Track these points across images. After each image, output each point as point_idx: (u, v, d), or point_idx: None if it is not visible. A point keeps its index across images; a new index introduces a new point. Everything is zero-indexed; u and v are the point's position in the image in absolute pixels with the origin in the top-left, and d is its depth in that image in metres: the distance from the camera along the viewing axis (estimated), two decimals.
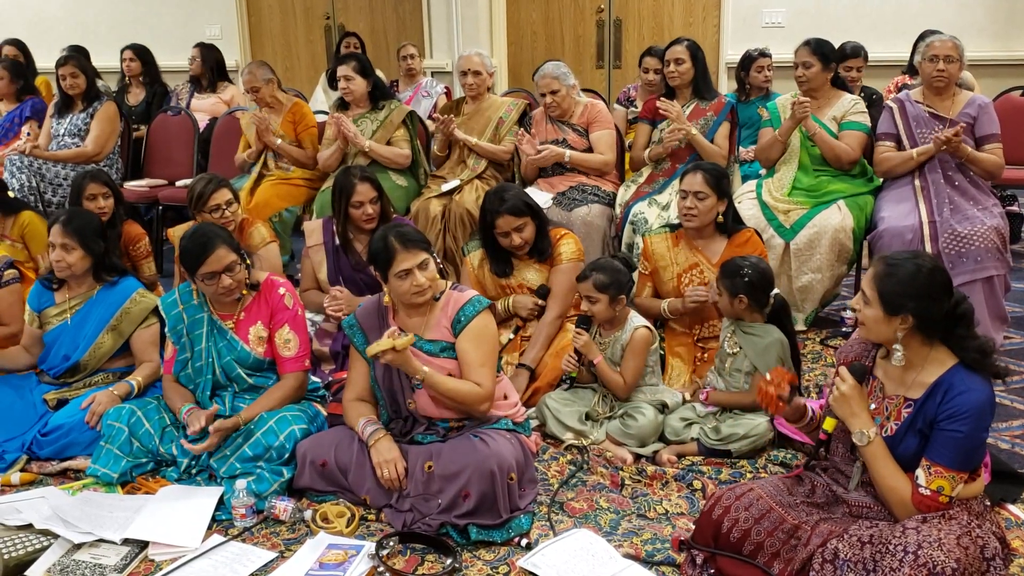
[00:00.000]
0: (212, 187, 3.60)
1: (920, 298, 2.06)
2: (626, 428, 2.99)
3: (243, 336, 2.93)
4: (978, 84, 5.08)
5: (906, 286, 2.06)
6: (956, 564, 1.87)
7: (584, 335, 3.09)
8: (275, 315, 2.95)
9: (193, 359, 2.93)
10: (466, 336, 2.68)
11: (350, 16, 7.85)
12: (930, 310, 2.06)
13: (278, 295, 2.96)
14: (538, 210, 3.46)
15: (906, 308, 2.07)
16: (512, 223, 3.36)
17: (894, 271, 2.09)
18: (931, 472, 2.05)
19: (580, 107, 4.40)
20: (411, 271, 2.62)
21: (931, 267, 2.09)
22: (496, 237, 3.43)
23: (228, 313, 2.95)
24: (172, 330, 2.96)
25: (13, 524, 2.51)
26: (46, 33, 7.84)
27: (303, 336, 2.98)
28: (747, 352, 3.03)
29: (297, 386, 2.95)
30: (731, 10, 6.79)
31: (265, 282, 2.98)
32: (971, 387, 2.04)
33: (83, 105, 5.18)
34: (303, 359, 2.96)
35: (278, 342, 2.93)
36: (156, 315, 3.22)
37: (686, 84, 4.29)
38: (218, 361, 2.92)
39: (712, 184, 3.32)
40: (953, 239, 3.64)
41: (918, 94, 3.96)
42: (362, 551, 2.39)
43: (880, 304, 2.10)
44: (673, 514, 2.61)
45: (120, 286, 3.24)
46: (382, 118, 4.61)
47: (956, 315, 2.09)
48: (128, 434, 2.83)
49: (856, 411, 2.15)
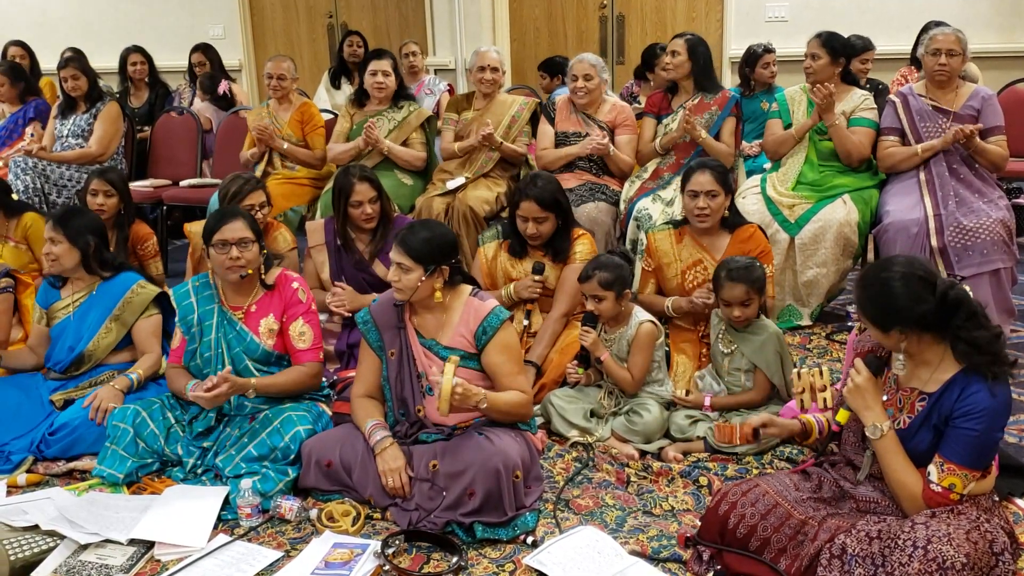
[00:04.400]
0: (250, 187, 3.64)
1: (900, 309, 2.05)
2: (631, 424, 2.99)
3: (253, 328, 2.95)
4: (983, 76, 5.05)
5: (885, 304, 2.07)
6: (965, 559, 1.86)
7: (591, 333, 3.08)
8: (289, 308, 2.97)
9: (201, 348, 2.95)
10: (495, 349, 2.68)
11: (353, 14, 7.84)
12: (916, 313, 2.05)
13: (292, 289, 3.00)
14: (566, 209, 3.43)
15: (894, 322, 2.07)
16: (534, 211, 3.35)
17: (870, 295, 2.10)
18: (944, 469, 2.04)
19: (608, 105, 4.40)
20: (396, 265, 2.66)
21: (904, 274, 2.06)
22: (517, 219, 3.42)
23: (238, 305, 2.98)
24: (182, 320, 2.99)
25: (19, 525, 2.51)
26: (50, 34, 7.85)
27: (317, 331, 3.01)
28: (744, 350, 3.02)
29: (313, 374, 2.97)
30: (734, 5, 6.76)
31: (279, 277, 3.02)
32: (987, 385, 2.02)
33: (86, 106, 5.19)
34: (318, 351, 3.00)
35: (292, 334, 2.96)
36: (157, 306, 3.27)
37: (683, 77, 4.26)
38: (227, 352, 2.92)
39: (721, 181, 3.32)
40: (959, 232, 3.63)
41: (921, 87, 3.95)
42: (368, 550, 2.39)
43: (872, 324, 2.12)
44: (679, 511, 2.61)
45: (119, 279, 3.28)
46: (400, 118, 4.61)
47: (948, 304, 2.05)
48: (133, 435, 2.84)
49: (870, 404, 2.14)
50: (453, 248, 2.73)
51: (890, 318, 2.07)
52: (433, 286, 2.68)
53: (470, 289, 2.78)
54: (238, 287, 2.98)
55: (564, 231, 3.43)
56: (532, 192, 3.33)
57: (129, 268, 3.40)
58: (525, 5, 7.46)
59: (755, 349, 2.99)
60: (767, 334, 3.02)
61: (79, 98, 5.18)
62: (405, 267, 2.64)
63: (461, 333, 2.70)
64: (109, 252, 3.38)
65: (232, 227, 2.89)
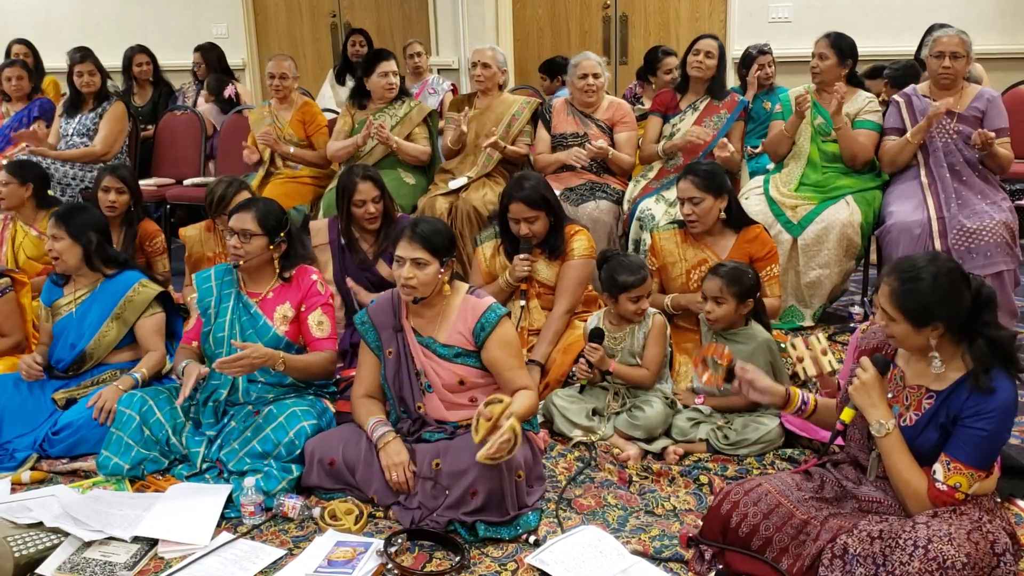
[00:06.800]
0: (233, 190, 3.67)
1: (946, 304, 2.03)
2: (633, 420, 2.99)
3: (268, 313, 2.99)
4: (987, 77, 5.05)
5: (930, 296, 2.03)
6: (966, 559, 1.87)
7: (599, 350, 3.06)
8: (307, 299, 3.03)
9: (215, 330, 2.99)
10: (495, 345, 2.67)
11: (356, 14, 7.85)
12: (957, 313, 2.04)
13: (311, 280, 3.05)
14: (555, 206, 3.44)
15: (936, 317, 2.04)
16: (524, 212, 3.35)
17: (914, 285, 2.04)
18: (950, 468, 2.04)
19: (605, 103, 4.41)
20: (404, 261, 2.63)
21: (948, 269, 2.05)
22: (508, 221, 3.43)
23: (256, 292, 3.04)
24: (200, 302, 3.05)
25: (24, 522, 2.51)
26: (54, 34, 7.86)
27: (334, 323, 3.06)
28: None
29: (332, 360, 3.04)
30: (737, 5, 6.75)
31: (298, 270, 3.07)
32: (998, 385, 2.02)
33: (92, 104, 5.20)
34: (334, 341, 3.07)
35: (311, 323, 3.00)
36: (160, 304, 3.27)
37: (706, 79, 4.26)
38: (240, 335, 2.95)
39: (703, 186, 3.30)
40: (962, 234, 3.63)
41: (925, 88, 3.94)
42: (370, 548, 2.40)
43: (907, 320, 2.06)
44: (681, 510, 2.61)
45: (121, 277, 3.28)
46: (401, 114, 4.63)
47: (980, 302, 2.05)
48: (139, 422, 2.86)
49: (876, 402, 2.13)
50: (455, 240, 2.79)
51: (932, 310, 2.03)
52: (443, 280, 2.69)
53: (466, 287, 2.79)
54: (256, 275, 3.05)
55: (557, 228, 3.43)
56: (519, 194, 3.34)
57: (134, 266, 3.40)
58: (528, 5, 7.46)
59: (744, 359, 2.98)
60: (756, 343, 3.00)
61: (89, 95, 5.19)
62: (422, 262, 2.62)
63: (459, 330, 2.71)
64: (113, 249, 3.38)
65: (240, 217, 2.98)
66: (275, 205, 3.11)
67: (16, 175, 3.93)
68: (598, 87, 4.32)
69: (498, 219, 3.55)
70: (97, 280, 3.28)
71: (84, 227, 3.21)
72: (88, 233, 3.21)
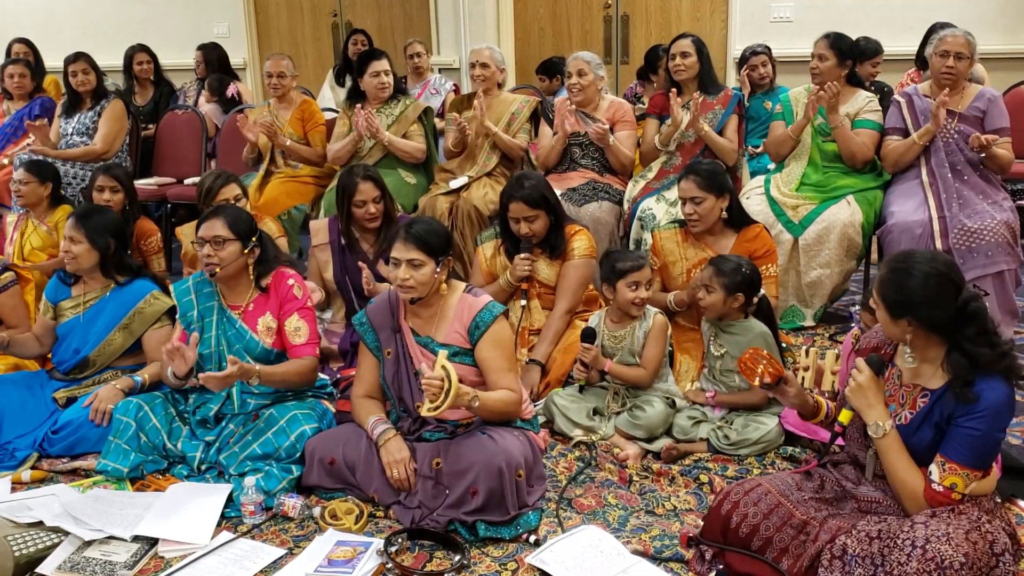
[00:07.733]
0: (220, 182, 3.69)
1: (921, 306, 2.04)
2: (634, 419, 2.99)
3: (252, 326, 2.95)
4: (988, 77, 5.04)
5: (907, 294, 2.05)
6: (964, 558, 1.87)
7: (593, 349, 3.07)
8: (284, 305, 2.97)
9: (201, 345, 2.94)
10: (488, 343, 2.67)
11: (357, 13, 7.84)
12: (933, 316, 2.04)
13: (287, 286, 2.99)
14: (555, 205, 3.43)
15: (910, 313, 2.06)
16: (524, 211, 3.35)
17: (898, 278, 2.07)
18: (945, 468, 2.04)
19: (606, 103, 4.41)
20: (400, 263, 2.63)
21: (940, 273, 2.04)
22: (508, 221, 3.43)
23: (237, 304, 2.98)
24: (182, 316, 2.99)
25: (24, 521, 2.52)
26: (55, 33, 7.86)
27: (313, 326, 3.00)
28: (731, 351, 3.02)
29: (311, 367, 2.96)
30: (739, 5, 6.75)
31: (275, 274, 3.00)
32: (991, 385, 2.02)
33: (91, 103, 5.20)
34: (314, 346, 2.98)
35: (288, 330, 2.95)
36: (170, 317, 3.21)
37: (692, 78, 4.27)
38: (228, 350, 2.92)
39: (705, 186, 3.30)
40: (963, 234, 3.63)
41: (926, 87, 3.94)
42: (371, 548, 2.40)
43: (884, 307, 2.10)
44: (681, 510, 2.61)
45: (134, 286, 3.24)
46: (397, 113, 4.63)
47: (965, 315, 2.05)
48: (135, 428, 2.85)
49: (872, 402, 2.13)
50: (451, 239, 2.77)
51: (905, 306, 2.05)
52: (440, 279, 2.68)
53: (464, 286, 2.78)
54: (234, 286, 2.98)
55: (557, 227, 3.43)
56: (519, 193, 3.34)
57: (147, 275, 3.36)
58: (529, 5, 7.46)
59: (741, 350, 2.98)
60: (752, 335, 3.02)
61: (86, 95, 5.19)
62: (418, 262, 2.62)
63: (456, 329, 2.70)
64: (129, 257, 3.36)
65: (209, 225, 2.89)
66: (244, 212, 3.07)
67: (36, 174, 4.01)
68: (583, 86, 4.30)
69: (498, 219, 3.55)
70: (108, 286, 3.25)
71: (103, 230, 3.18)
72: (106, 237, 3.19)
